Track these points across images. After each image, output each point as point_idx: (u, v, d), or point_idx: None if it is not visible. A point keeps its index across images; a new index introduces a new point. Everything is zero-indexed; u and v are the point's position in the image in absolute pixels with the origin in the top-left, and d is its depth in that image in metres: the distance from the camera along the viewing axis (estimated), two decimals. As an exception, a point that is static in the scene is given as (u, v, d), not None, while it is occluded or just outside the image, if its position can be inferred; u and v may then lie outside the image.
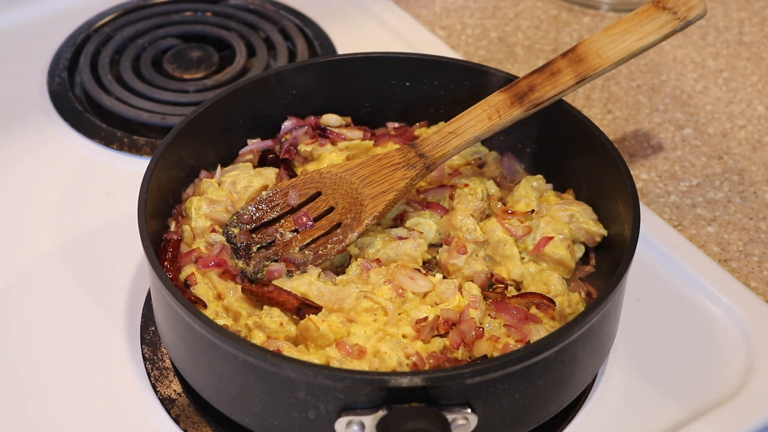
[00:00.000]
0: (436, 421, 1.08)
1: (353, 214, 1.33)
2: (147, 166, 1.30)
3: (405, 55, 1.50)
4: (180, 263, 1.32)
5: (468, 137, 1.35)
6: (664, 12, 1.38)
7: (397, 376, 1.09)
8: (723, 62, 1.89)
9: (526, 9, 2.02)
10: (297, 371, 1.10)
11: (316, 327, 1.21)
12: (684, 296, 1.44)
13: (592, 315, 1.15)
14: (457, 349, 1.23)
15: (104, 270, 1.46)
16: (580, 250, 1.37)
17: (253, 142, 1.48)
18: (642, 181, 1.65)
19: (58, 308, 1.41)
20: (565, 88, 1.36)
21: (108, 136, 1.66)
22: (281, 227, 1.35)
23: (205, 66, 1.80)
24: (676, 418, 1.30)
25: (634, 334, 1.39)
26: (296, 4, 1.96)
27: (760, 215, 1.60)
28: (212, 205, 1.37)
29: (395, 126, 1.53)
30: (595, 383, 1.33)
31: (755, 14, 2.01)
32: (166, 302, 1.19)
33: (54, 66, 1.80)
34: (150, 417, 1.29)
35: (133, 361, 1.35)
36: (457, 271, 1.33)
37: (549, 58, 1.87)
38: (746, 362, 1.36)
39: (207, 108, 1.40)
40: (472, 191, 1.39)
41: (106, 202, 1.57)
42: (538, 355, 1.12)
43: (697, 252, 1.49)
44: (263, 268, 1.32)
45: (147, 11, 1.92)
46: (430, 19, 1.98)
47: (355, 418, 1.11)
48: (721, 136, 1.74)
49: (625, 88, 1.83)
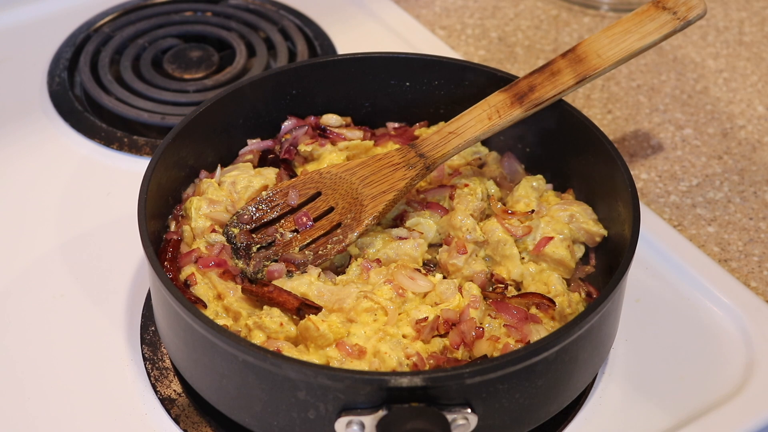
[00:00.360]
0: (436, 421, 1.08)
1: (353, 214, 1.33)
2: (147, 166, 1.30)
3: (405, 55, 1.49)
4: (180, 263, 1.32)
5: (468, 137, 1.35)
6: (664, 12, 1.38)
7: (397, 376, 1.09)
8: (723, 62, 1.89)
9: (526, 9, 2.02)
10: (297, 371, 1.10)
11: (316, 327, 1.21)
12: (684, 296, 1.44)
13: (592, 315, 1.15)
14: (457, 349, 1.23)
15: (104, 270, 1.46)
16: (580, 250, 1.37)
17: (253, 142, 1.48)
18: (642, 181, 1.65)
19: (58, 308, 1.41)
20: (565, 88, 1.36)
21: (108, 136, 1.66)
22: (281, 227, 1.35)
23: (205, 66, 1.80)
24: (676, 418, 1.30)
25: (634, 334, 1.39)
26: (296, 4, 1.96)
27: (760, 215, 1.60)
28: (212, 205, 1.37)
29: (395, 126, 1.53)
30: (595, 383, 1.33)
31: (755, 14, 2.01)
32: (166, 302, 1.19)
33: (54, 66, 1.80)
34: (150, 417, 1.29)
35: (133, 361, 1.35)
36: (457, 272, 1.33)
37: (549, 58, 1.87)
38: (746, 362, 1.36)
39: (207, 108, 1.40)
40: (472, 191, 1.39)
41: (106, 202, 1.57)
42: (538, 355, 1.12)
43: (697, 252, 1.49)
44: (263, 269, 1.32)
45: (147, 11, 1.92)
46: (430, 19, 1.98)
47: (355, 418, 1.11)
48: (721, 136, 1.74)
49: (625, 88, 1.83)
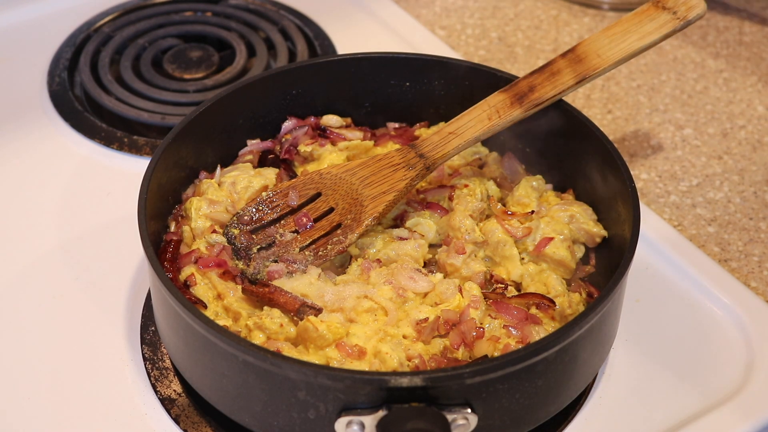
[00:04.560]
0: (436, 421, 1.08)
1: (353, 215, 1.33)
2: (147, 166, 1.30)
3: (405, 55, 1.49)
4: (180, 264, 1.32)
5: (468, 138, 1.35)
6: (664, 12, 1.38)
7: (397, 376, 1.09)
8: (723, 62, 1.89)
9: (526, 9, 2.02)
10: (297, 371, 1.10)
11: (315, 328, 1.21)
12: (684, 296, 1.44)
13: (592, 315, 1.15)
14: (457, 350, 1.23)
15: (104, 270, 1.46)
16: (580, 251, 1.37)
17: (253, 143, 1.48)
18: (642, 181, 1.65)
19: (58, 308, 1.41)
20: (565, 88, 1.36)
21: (108, 136, 1.66)
22: (281, 228, 1.35)
23: (205, 66, 1.80)
24: (676, 417, 1.30)
25: (634, 334, 1.39)
26: (296, 4, 1.96)
27: (760, 215, 1.60)
28: (212, 206, 1.36)
29: (395, 126, 1.53)
30: (595, 383, 1.33)
31: (755, 14, 2.01)
32: (166, 302, 1.19)
33: (54, 66, 1.80)
34: (150, 417, 1.29)
35: (133, 361, 1.35)
36: (455, 272, 1.33)
37: (549, 58, 1.87)
38: (746, 362, 1.36)
39: (207, 108, 1.40)
40: (472, 192, 1.39)
41: (106, 202, 1.57)
42: (538, 355, 1.12)
43: (697, 252, 1.49)
44: (263, 269, 1.32)
45: (147, 11, 1.92)
46: (430, 19, 1.98)
47: (355, 418, 1.10)
48: (721, 136, 1.74)
49: (625, 88, 1.83)
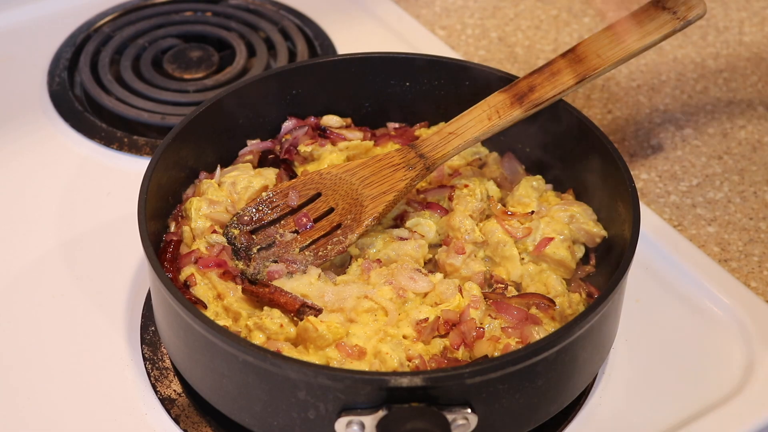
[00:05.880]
0: (436, 421, 1.08)
1: (353, 215, 1.33)
2: (147, 166, 1.30)
3: (405, 55, 1.49)
4: (180, 264, 1.32)
5: (468, 138, 1.35)
6: (664, 12, 1.38)
7: (397, 376, 1.09)
8: (723, 62, 1.89)
9: (526, 9, 2.02)
10: (297, 371, 1.10)
11: (315, 328, 1.21)
12: (684, 296, 1.44)
13: (592, 315, 1.15)
14: (457, 350, 1.23)
15: (104, 270, 1.46)
16: (580, 251, 1.37)
17: (253, 143, 1.48)
18: (642, 181, 1.65)
19: (58, 308, 1.41)
20: (565, 88, 1.36)
21: (108, 136, 1.66)
22: (281, 228, 1.35)
23: (205, 66, 1.80)
24: (676, 418, 1.30)
25: (634, 334, 1.39)
26: (296, 4, 1.96)
27: (760, 215, 1.60)
28: (212, 206, 1.36)
29: (395, 126, 1.53)
30: (595, 383, 1.33)
31: (755, 14, 2.01)
32: (166, 302, 1.19)
33: (54, 66, 1.80)
34: (150, 417, 1.29)
35: (133, 361, 1.35)
36: (455, 272, 1.33)
37: (549, 58, 1.87)
38: (746, 362, 1.36)
39: (207, 108, 1.40)
40: (471, 192, 1.39)
41: (106, 202, 1.57)
42: (538, 355, 1.12)
43: (697, 252, 1.49)
44: (263, 269, 1.32)
45: (147, 11, 1.92)
46: (430, 19, 1.98)
47: (355, 418, 1.10)
48: (721, 136, 1.74)
49: (625, 88, 1.83)
